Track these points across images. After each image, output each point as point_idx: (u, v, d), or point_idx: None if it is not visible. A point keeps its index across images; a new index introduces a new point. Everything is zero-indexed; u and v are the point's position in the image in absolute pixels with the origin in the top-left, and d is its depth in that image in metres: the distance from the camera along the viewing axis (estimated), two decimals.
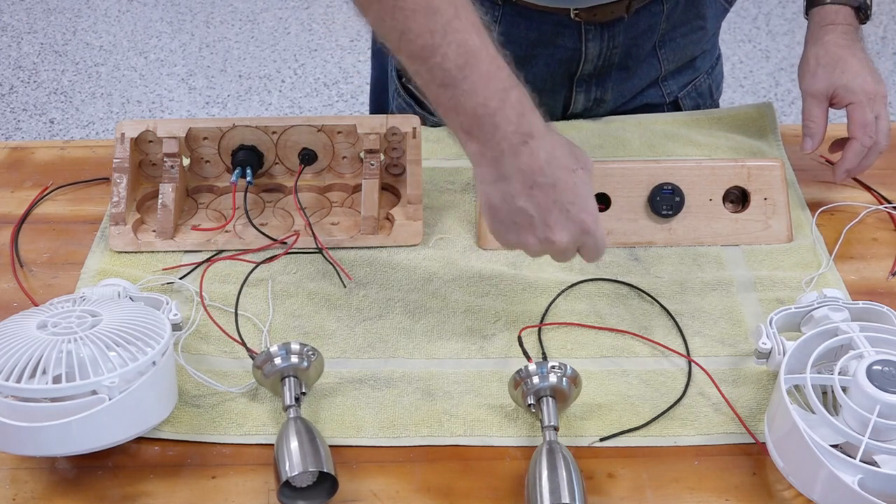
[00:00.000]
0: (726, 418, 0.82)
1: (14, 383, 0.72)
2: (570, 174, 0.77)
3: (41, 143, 1.19)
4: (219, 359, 0.88)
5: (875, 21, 3.06)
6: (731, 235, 1.00)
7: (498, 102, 0.76)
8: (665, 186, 0.99)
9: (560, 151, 0.78)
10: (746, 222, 1.00)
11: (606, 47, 1.11)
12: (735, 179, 1.00)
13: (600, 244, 0.80)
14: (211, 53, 2.98)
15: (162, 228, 1.00)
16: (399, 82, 1.23)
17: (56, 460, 0.80)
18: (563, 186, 0.77)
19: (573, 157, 0.78)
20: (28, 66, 2.93)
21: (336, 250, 1.00)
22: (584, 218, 0.78)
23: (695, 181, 0.99)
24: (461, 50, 0.75)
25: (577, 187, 0.77)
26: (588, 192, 0.79)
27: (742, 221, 1.00)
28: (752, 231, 1.00)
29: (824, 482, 0.71)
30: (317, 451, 0.75)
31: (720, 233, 1.00)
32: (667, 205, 0.99)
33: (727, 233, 1.00)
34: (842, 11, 1.01)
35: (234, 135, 1.03)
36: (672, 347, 0.89)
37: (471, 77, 0.75)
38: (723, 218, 1.00)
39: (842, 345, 0.79)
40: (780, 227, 1.00)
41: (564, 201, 0.77)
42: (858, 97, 0.99)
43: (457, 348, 0.89)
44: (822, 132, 1.02)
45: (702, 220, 1.00)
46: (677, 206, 0.99)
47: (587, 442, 0.81)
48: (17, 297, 0.95)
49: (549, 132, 0.78)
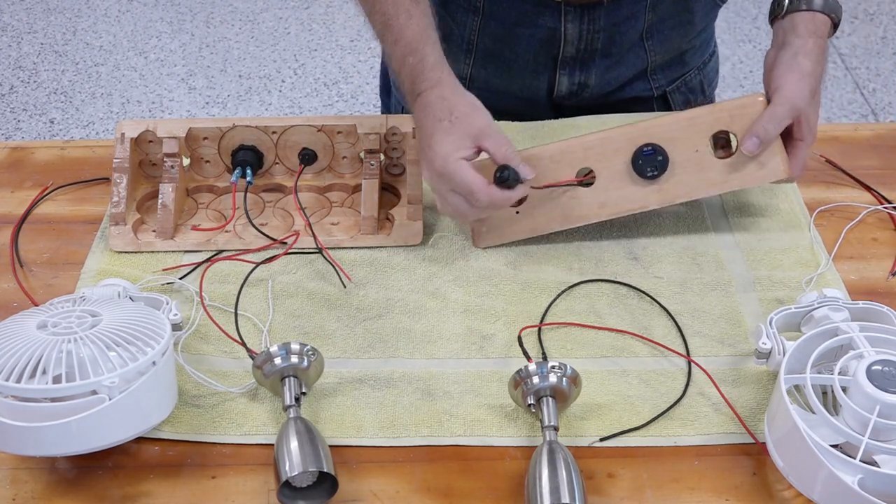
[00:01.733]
0: (726, 418, 0.82)
1: (14, 383, 0.72)
2: (435, 122, 0.90)
3: (41, 143, 1.19)
4: (219, 359, 0.88)
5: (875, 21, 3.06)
6: (726, 182, 0.97)
7: (398, 67, 0.96)
8: (645, 148, 0.96)
9: (437, 103, 0.91)
10: (739, 165, 0.96)
11: (587, 30, 1.12)
12: (717, 125, 0.96)
13: (462, 189, 0.89)
14: (211, 53, 2.98)
15: (162, 228, 1.00)
16: None
17: (56, 460, 0.80)
18: (425, 132, 0.92)
19: (446, 109, 0.91)
20: (28, 66, 2.93)
21: (336, 250, 1.00)
22: (433, 158, 0.90)
23: (676, 136, 0.97)
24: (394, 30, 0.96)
25: (434, 134, 0.90)
26: (447, 141, 0.89)
27: (734, 165, 0.96)
28: (747, 173, 0.96)
29: (824, 482, 0.71)
30: (317, 451, 0.75)
31: (714, 181, 0.97)
32: (650, 166, 0.96)
33: (721, 180, 0.97)
34: (825, 23, 0.99)
35: (234, 135, 1.03)
36: (672, 347, 0.89)
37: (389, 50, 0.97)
38: (713, 166, 0.96)
39: (842, 345, 0.79)
40: (775, 164, 0.96)
41: (423, 144, 0.92)
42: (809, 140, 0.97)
43: (457, 348, 0.89)
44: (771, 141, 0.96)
45: (692, 173, 0.97)
46: (661, 165, 0.96)
47: (587, 442, 0.81)
48: (17, 297, 0.95)
49: (436, 88, 0.92)
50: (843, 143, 1.15)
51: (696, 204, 1.05)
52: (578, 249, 1.00)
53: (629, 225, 1.03)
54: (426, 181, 0.94)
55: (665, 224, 1.03)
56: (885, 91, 2.78)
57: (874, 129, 1.18)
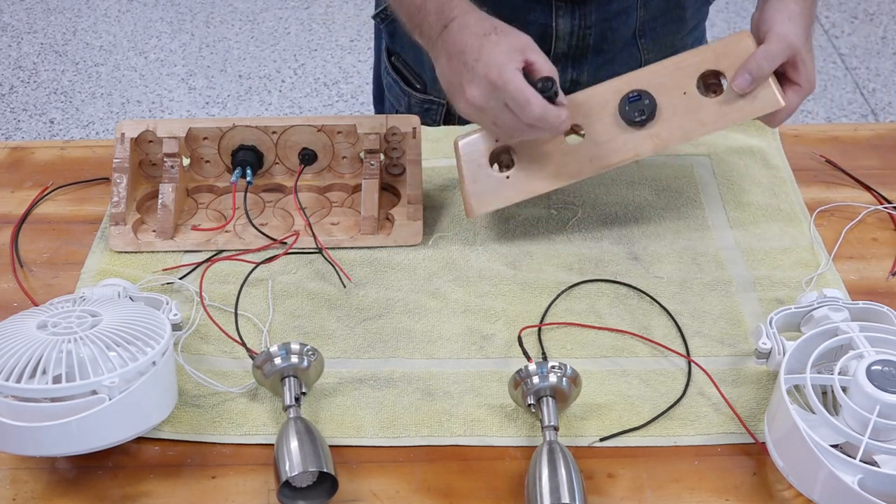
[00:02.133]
0: (726, 418, 0.82)
1: (14, 383, 0.72)
2: (479, 38, 0.87)
3: (41, 143, 1.19)
4: (219, 359, 0.89)
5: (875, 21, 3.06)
6: (720, 119, 0.94)
7: (421, 2, 0.92)
8: (631, 94, 0.94)
9: (473, 22, 0.88)
10: (731, 102, 0.93)
11: (578, 26, 1.12)
12: (703, 65, 0.94)
13: (518, 99, 0.86)
14: (211, 53, 2.98)
15: (162, 228, 1.00)
16: (388, 61, 1.26)
17: (56, 460, 0.80)
18: (469, 49, 0.87)
19: (489, 25, 0.88)
20: (28, 66, 2.93)
21: (336, 250, 1.00)
22: (488, 72, 0.86)
23: (662, 82, 0.94)
24: None
25: (482, 47, 0.86)
26: (497, 52, 0.86)
27: (726, 103, 0.93)
28: (740, 108, 0.93)
29: (824, 482, 0.71)
30: (317, 451, 0.75)
31: (706, 121, 0.94)
32: (637, 111, 0.94)
33: (714, 118, 0.94)
34: None
35: (234, 135, 1.03)
36: (672, 347, 0.89)
37: None
38: (704, 106, 0.94)
39: (842, 345, 0.79)
40: (767, 94, 0.93)
41: (470, 60, 0.87)
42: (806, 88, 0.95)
43: (457, 348, 0.89)
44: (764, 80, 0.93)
45: (682, 116, 0.94)
46: (649, 110, 0.94)
47: (587, 442, 0.81)
48: (17, 297, 0.95)
49: (470, 13, 0.89)
50: (843, 143, 1.15)
51: (697, 204, 1.05)
52: (578, 249, 1.00)
53: (629, 225, 1.03)
54: (467, 107, 0.89)
55: (665, 224, 1.03)
56: (885, 91, 2.78)
57: (874, 129, 1.18)
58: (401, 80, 1.24)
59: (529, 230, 1.02)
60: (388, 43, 1.24)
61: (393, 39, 1.23)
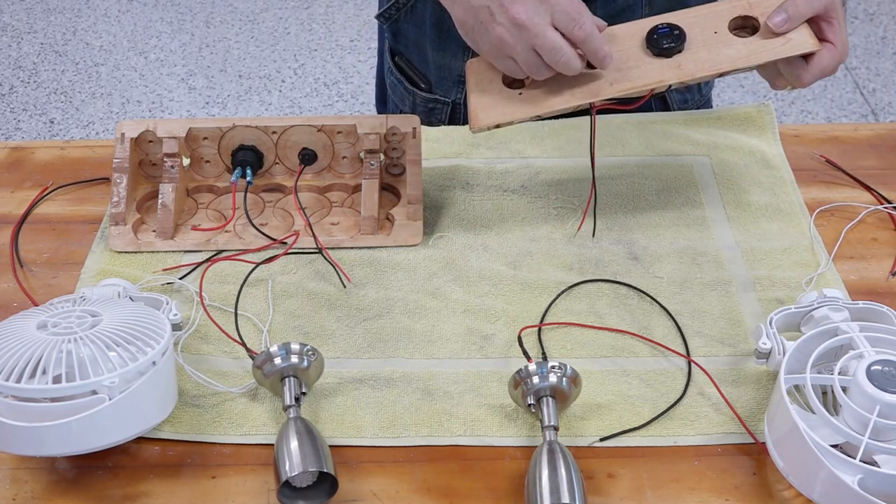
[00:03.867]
0: (726, 418, 0.82)
1: (14, 383, 0.72)
2: None
3: (41, 143, 1.19)
4: (219, 359, 0.89)
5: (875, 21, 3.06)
6: (751, 56, 0.91)
7: None
8: (660, 26, 0.93)
9: None
10: (763, 41, 0.91)
11: None
12: (736, 11, 0.93)
13: (570, 8, 0.84)
14: (211, 53, 2.98)
15: (162, 228, 1.00)
16: (392, 61, 1.26)
17: (56, 460, 0.80)
18: None
19: None
20: (28, 66, 2.93)
21: (336, 250, 1.00)
22: (516, 14, 0.83)
23: (692, 22, 0.93)
24: None
25: None
26: None
27: (757, 42, 0.91)
28: (772, 47, 0.91)
29: (824, 482, 0.71)
30: (317, 451, 0.75)
31: (735, 57, 0.91)
32: (666, 40, 0.92)
33: (745, 54, 0.91)
34: None
35: (234, 135, 1.03)
36: (672, 347, 0.89)
37: None
38: (733, 43, 0.92)
39: (842, 345, 0.79)
40: (801, 37, 0.90)
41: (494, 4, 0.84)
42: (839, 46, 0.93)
43: (457, 348, 0.90)
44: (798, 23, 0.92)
45: (712, 49, 0.92)
46: (678, 39, 0.91)
47: (587, 442, 0.81)
48: (17, 297, 0.95)
49: None
50: (843, 143, 1.15)
51: (697, 204, 1.05)
52: (578, 249, 1.00)
53: (629, 225, 1.03)
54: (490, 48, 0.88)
55: (665, 224, 1.03)
56: (885, 91, 2.78)
57: (874, 129, 1.18)
58: (405, 79, 1.24)
59: (529, 230, 1.02)
60: (392, 43, 1.24)
61: (396, 39, 1.23)
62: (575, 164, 1.11)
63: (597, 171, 1.10)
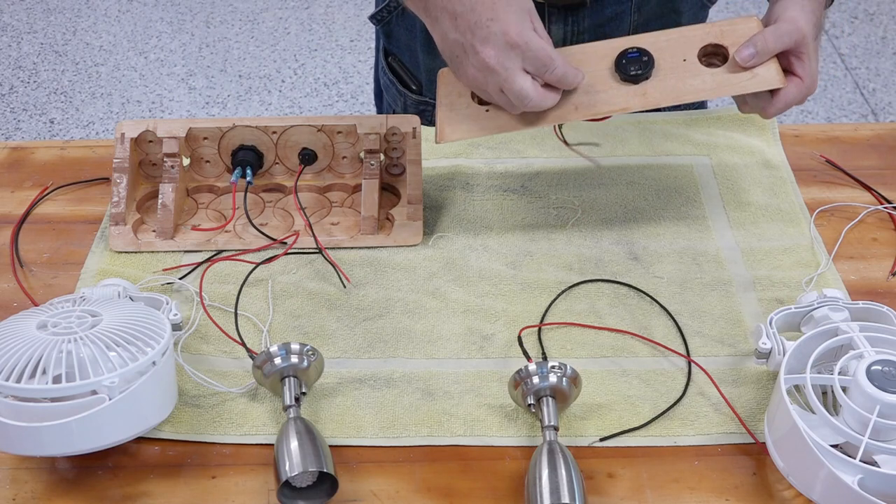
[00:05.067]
0: (726, 418, 0.82)
1: (14, 383, 0.72)
2: None
3: (41, 143, 1.19)
4: (219, 359, 0.89)
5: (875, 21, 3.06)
6: (715, 89, 0.90)
7: None
8: (630, 50, 0.91)
9: None
10: (730, 75, 0.90)
11: (571, 32, 1.12)
12: (708, 38, 0.92)
13: (542, 57, 0.83)
14: (211, 53, 2.98)
15: (162, 228, 1.00)
16: (385, 61, 1.26)
17: (56, 460, 0.80)
18: (480, 6, 0.82)
19: None
20: (28, 66, 2.93)
21: (336, 250, 1.00)
22: (507, 29, 0.82)
23: (664, 46, 0.92)
24: None
25: (496, 6, 0.82)
26: (512, 11, 0.82)
27: (725, 75, 0.90)
28: (738, 81, 0.90)
29: (824, 482, 0.71)
30: (317, 451, 0.75)
31: (701, 88, 0.91)
32: (634, 66, 0.91)
33: (709, 87, 0.90)
34: None
35: (234, 135, 1.03)
36: (672, 347, 0.89)
37: None
38: (701, 74, 0.91)
39: (842, 345, 0.79)
40: (769, 73, 0.89)
41: (484, 19, 0.82)
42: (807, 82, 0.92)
43: (457, 348, 0.90)
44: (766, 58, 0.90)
45: (679, 78, 0.91)
46: (646, 66, 0.91)
47: (587, 442, 0.81)
48: (17, 297, 0.95)
49: None
50: (843, 143, 1.15)
51: (697, 204, 1.05)
52: (578, 249, 1.00)
53: (629, 225, 1.03)
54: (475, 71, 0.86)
55: (665, 224, 1.03)
56: (885, 91, 2.78)
57: (874, 129, 1.18)
58: (397, 81, 1.24)
59: (529, 230, 1.02)
60: (385, 43, 1.24)
61: (389, 40, 1.23)
62: (575, 164, 1.11)
63: (597, 171, 1.11)
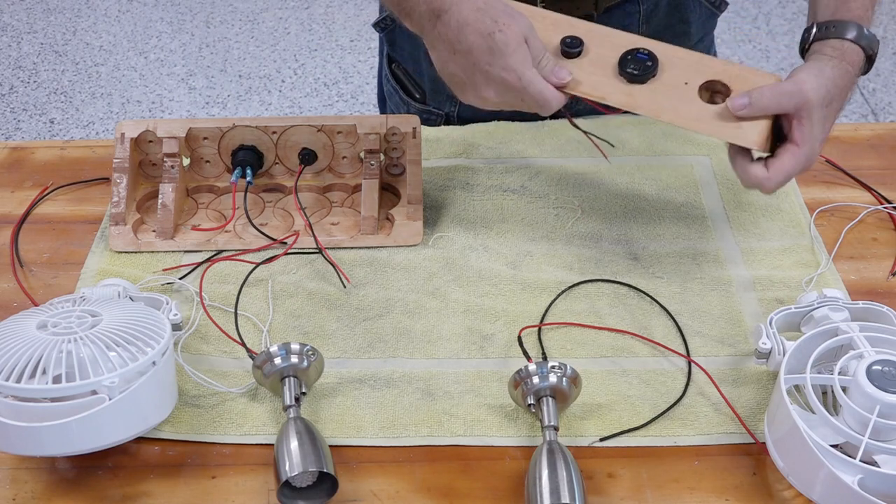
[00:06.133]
0: (726, 418, 0.82)
1: (14, 383, 0.72)
2: (485, 38, 0.84)
3: (41, 143, 1.19)
4: (219, 359, 0.89)
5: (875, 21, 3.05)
6: (693, 121, 0.87)
7: None
8: (641, 51, 0.90)
9: (473, 17, 0.84)
10: (715, 114, 0.87)
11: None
12: (718, 74, 0.89)
13: (536, 97, 0.85)
14: (211, 53, 2.98)
15: (162, 228, 1.00)
16: (389, 68, 1.26)
17: (56, 460, 0.80)
18: (477, 51, 0.84)
19: (490, 19, 0.84)
20: (28, 66, 2.93)
21: (336, 250, 1.00)
22: (505, 77, 0.84)
23: (675, 61, 0.90)
24: None
25: (492, 50, 0.84)
26: (508, 52, 0.84)
27: (712, 113, 0.87)
28: (720, 124, 0.87)
29: (824, 482, 0.71)
30: (317, 451, 0.75)
31: (685, 115, 0.88)
32: (635, 65, 0.89)
33: (690, 117, 0.88)
34: (857, 53, 0.94)
35: (234, 135, 1.03)
36: (672, 347, 0.89)
37: None
38: (693, 103, 0.88)
39: (842, 345, 0.79)
40: (751, 131, 0.86)
41: (482, 63, 0.84)
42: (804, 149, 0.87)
43: (457, 348, 0.90)
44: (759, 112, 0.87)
45: (669, 97, 0.89)
46: (645, 71, 0.89)
47: (587, 442, 0.81)
48: (17, 297, 0.95)
49: (462, 2, 0.85)
50: (843, 143, 1.15)
51: (697, 204, 1.05)
52: (578, 249, 1.00)
53: (629, 225, 1.03)
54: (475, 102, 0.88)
55: (665, 224, 1.03)
56: (885, 91, 2.78)
57: (874, 129, 1.18)
58: (400, 89, 1.24)
59: (529, 230, 1.02)
60: (389, 50, 1.24)
61: (393, 48, 1.23)
62: (575, 164, 1.11)
63: (597, 171, 1.10)
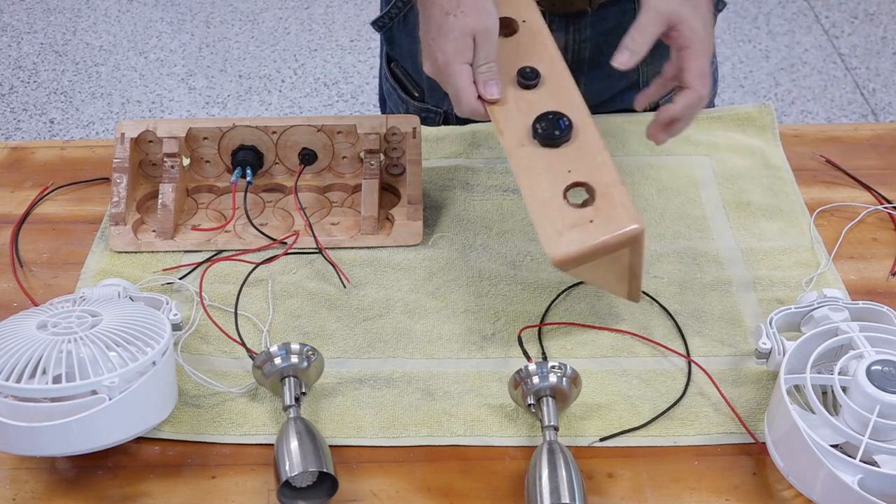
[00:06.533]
0: (726, 418, 0.82)
1: (14, 383, 0.72)
2: (443, 16, 0.84)
3: (41, 143, 1.19)
4: (219, 359, 0.89)
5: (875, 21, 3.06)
6: (537, 205, 0.81)
7: None
8: (563, 117, 0.84)
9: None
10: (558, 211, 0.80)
11: (573, 40, 1.11)
12: (596, 183, 0.81)
13: (452, 92, 0.85)
14: (211, 53, 2.98)
15: (162, 228, 1.00)
16: (388, 67, 1.26)
17: (56, 460, 0.80)
18: (430, 23, 0.85)
19: (456, 2, 0.84)
20: (28, 66, 2.93)
21: (336, 250, 1.00)
22: (438, 56, 0.84)
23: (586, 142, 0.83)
24: None
25: (442, 27, 0.84)
26: (450, 38, 0.84)
27: (554, 207, 0.80)
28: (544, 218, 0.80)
29: (824, 482, 0.71)
30: (317, 451, 0.75)
31: (536, 195, 0.81)
32: (545, 128, 0.83)
33: (537, 200, 0.81)
34: None
35: (234, 135, 1.03)
36: (672, 347, 0.89)
37: None
38: (554, 190, 0.81)
39: (842, 345, 0.79)
40: (563, 243, 0.78)
41: (429, 36, 0.86)
42: (697, 45, 0.87)
43: (457, 348, 0.90)
44: (644, 52, 0.87)
45: (547, 169, 0.82)
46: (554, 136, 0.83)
47: (587, 442, 0.81)
48: (17, 297, 0.95)
49: None
50: (843, 143, 1.15)
51: (697, 204, 1.05)
52: None
53: None
54: (427, 71, 0.87)
55: (665, 224, 1.03)
56: (885, 91, 2.78)
57: (874, 129, 1.18)
58: (399, 87, 1.24)
59: (529, 230, 1.02)
60: (388, 49, 1.24)
61: (391, 46, 1.23)
62: None
63: None
